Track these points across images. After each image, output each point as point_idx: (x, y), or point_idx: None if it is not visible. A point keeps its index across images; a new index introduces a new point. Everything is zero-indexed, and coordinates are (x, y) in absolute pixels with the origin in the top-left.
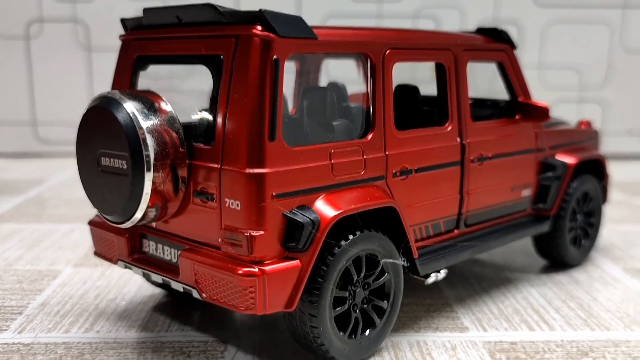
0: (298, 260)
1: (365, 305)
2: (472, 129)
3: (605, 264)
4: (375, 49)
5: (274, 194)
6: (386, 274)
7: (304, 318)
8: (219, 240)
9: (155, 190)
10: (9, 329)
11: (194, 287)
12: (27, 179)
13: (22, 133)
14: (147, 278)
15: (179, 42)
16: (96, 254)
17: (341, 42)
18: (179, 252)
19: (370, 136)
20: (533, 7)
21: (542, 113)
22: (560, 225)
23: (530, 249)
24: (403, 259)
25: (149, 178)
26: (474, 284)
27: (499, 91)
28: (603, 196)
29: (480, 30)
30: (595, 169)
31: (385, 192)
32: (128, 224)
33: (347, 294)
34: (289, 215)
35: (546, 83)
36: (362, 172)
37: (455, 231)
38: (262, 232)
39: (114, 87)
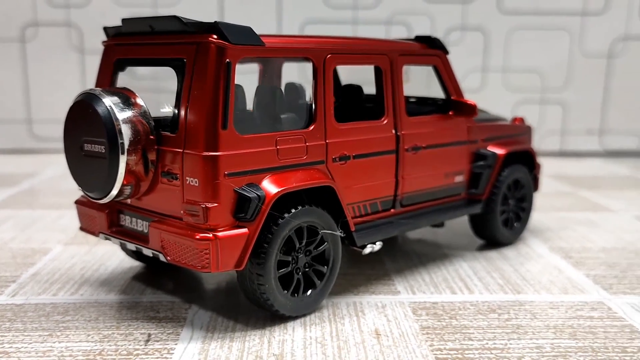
0: (246, 229)
1: (307, 269)
2: (406, 122)
3: (535, 243)
4: (317, 54)
5: (225, 173)
6: (325, 243)
7: (252, 277)
8: (181, 212)
9: (129, 171)
10: (3, 294)
11: (160, 252)
12: (22, 173)
13: (18, 130)
14: (123, 247)
15: (151, 48)
16: (81, 228)
17: (286, 48)
18: (149, 223)
19: (312, 127)
20: (498, 14)
21: (470, 109)
22: (492, 208)
23: (470, 230)
24: (341, 231)
25: (123, 160)
26: (414, 259)
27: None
28: (534, 184)
29: (418, 38)
30: (526, 160)
31: (325, 174)
32: (106, 200)
33: (290, 259)
34: (239, 190)
35: (510, 85)
36: (305, 157)
37: (392, 210)
38: (215, 204)
39: (97, 85)
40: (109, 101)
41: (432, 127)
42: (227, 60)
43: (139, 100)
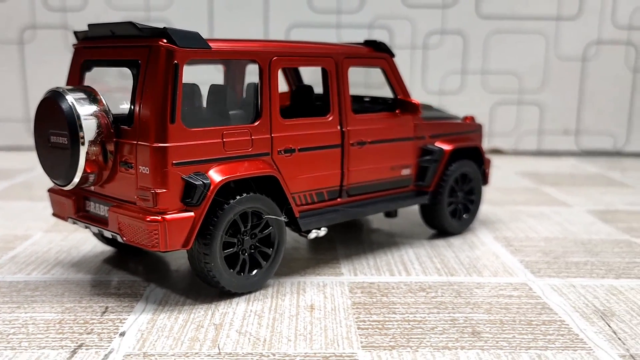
0: (193, 213)
1: (252, 251)
2: (352, 119)
3: (482, 233)
4: (263, 56)
5: (173, 162)
6: (270, 227)
7: (200, 256)
8: (135, 197)
9: (89, 161)
10: None
11: (117, 233)
12: (17, 168)
13: (16, 128)
14: (95, 234)
15: (112, 50)
16: (53, 214)
17: (233, 51)
18: (108, 208)
19: (257, 122)
20: (476, 18)
21: (413, 108)
22: (439, 199)
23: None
24: (284, 216)
25: (83, 151)
26: (365, 246)
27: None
28: (483, 178)
29: (367, 43)
30: (475, 156)
31: (270, 165)
32: (70, 187)
33: (236, 240)
34: (186, 178)
35: (489, 87)
36: (250, 149)
37: (339, 199)
38: (164, 190)
39: (67, 83)
40: (72, 98)
41: (377, 124)
42: (175, 61)
43: (100, 98)
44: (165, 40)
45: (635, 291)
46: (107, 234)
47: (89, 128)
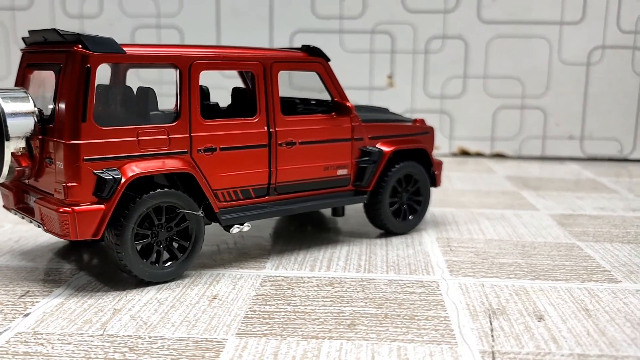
0: (103, 205)
1: (168, 243)
2: (281, 120)
3: (427, 234)
4: (182, 61)
5: (84, 158)
6: (187, 221)
7: (112, 246)
8: (54, 190)
9: (22, 155)
10: None
11: (40, 223)
12: None
13: None
14: (26, 220)
15: (44, 55)
16: (4, 206)
17: (150, 55)
18: (35, 199)
19: (176, 123)
20: (478, 23)
21: (346, 110)
22: (379, 199)
23: None
24: (201, 211)
25: (7, 146)
26: (305, 243)
27: None
28: (432, 180)
29: (303, 48)
30: (422, 158)
31: (187, 163)
32: (1, 179)
33: (149, 232)
34: (98, 173)
35: (491, 91)
36: (166, 148)
37: (267, 197)
38: (75, 184)
39: (15, 84)
40: (1, 99)
41: (309, 125)
42: (87, 65)
43: (29, 98)
44: (80, 46)
45: (542, 292)
46: (34, 224)
47: (14, 125)
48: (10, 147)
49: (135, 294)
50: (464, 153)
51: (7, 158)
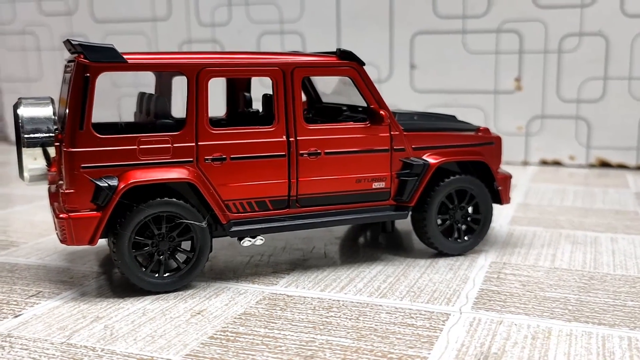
0: (99, 212)
1: (169, 253)
2: (302, 129)
3: (486, 256)
4: (189, 68)
5: (82, 165)
6: (191, 232)
7: (112, 253)
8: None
9: (36, 162)
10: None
11: (55, 227)
12: None
13: None
14: None
15: (69, 65)
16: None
17: (154, 64)
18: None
19: (181, 131)
20: (622, 17)
21: (379, 118)
22: (425, 216)
23: None
24: (205, 222)
25: (26, 152)
26: (340, 259)
27: None
28: (496, 197)
29: (338, 51)
30: (484, 171)
31: (193, 172)
32: (26, 183)
33: (149, 242)
34: (95, 181)
35: (638, 94)
36: (169, 156)
37: (287, 209)
38: (72, 191)
39: (60, 95)
40: (22, 105)
41: (337, 134)
42: (87, 74)
43: (50, 107)
44: (82, 56)
45: (567, 338)
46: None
47: (29, 131)
48: (28, 153)
49: (129, 302)
50: (604, 164)
51: (26, 163)
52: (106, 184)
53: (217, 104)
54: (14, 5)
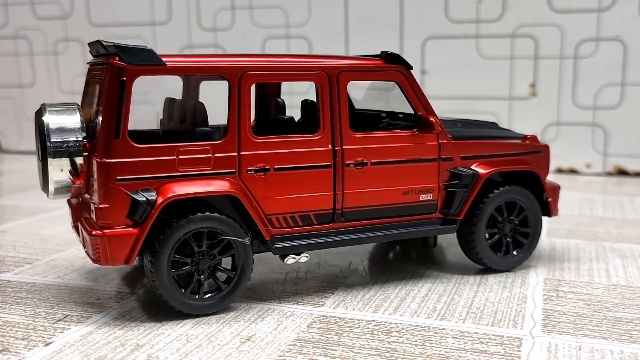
0: (136, 229)
1: (210, 272)
2: (349, 137)
3: (537, 272)
4: (231, 72)
5: (117, 178)
6: (233, 249)
7: (148, 273)
8: (91, 211)
9: (72, 173)
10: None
11: (82, 244)
12: None
13: None
14: None
15: (96, 69)
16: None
17: (195, 67)
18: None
19: (222, 140)
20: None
21: (429, 125)
22: (473, 230)
23: None
24: (249, 239)
25: (52, 163)
26: (382, 276)
27: None
28: (546, 209)
29: (384, 54)
30: (533, 181)
31: (235, 184)
32: (50, 197)
33: (188, 260)
34: (131, 194)
35: None
36: (210, 167)
37: (331, 224)
38: (107, 205)
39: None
40: (47, 112)
41: (384, 142)
42: (123, 78)
43: (77, 114)
44: (117, 58)
45: None
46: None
47: (56, 141)
48: (54, 164)
49: (168, 327)
50: (621, 172)
51: (52, 175)
52: (144, 198)
53: (217, 106)
54: (6, 9)
